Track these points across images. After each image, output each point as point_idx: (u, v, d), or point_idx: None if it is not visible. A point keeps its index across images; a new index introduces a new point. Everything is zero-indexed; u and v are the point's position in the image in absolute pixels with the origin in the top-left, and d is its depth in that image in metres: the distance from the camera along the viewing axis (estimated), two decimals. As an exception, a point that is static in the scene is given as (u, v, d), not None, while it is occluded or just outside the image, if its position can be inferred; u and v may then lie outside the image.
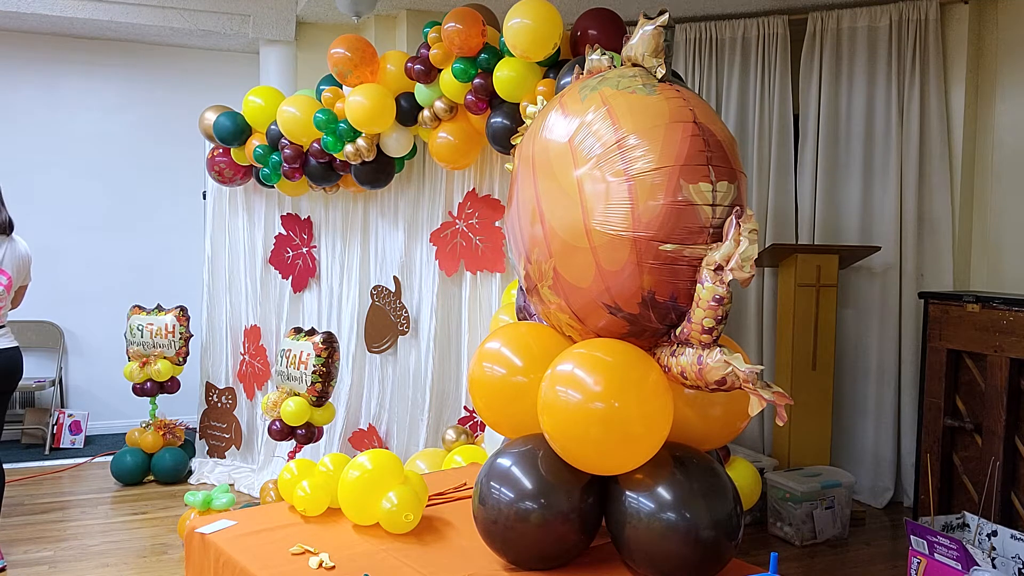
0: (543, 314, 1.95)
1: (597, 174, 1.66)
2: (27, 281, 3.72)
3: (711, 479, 1.70)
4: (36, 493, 4.67)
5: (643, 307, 1.66)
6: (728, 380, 1.55)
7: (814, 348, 4.50)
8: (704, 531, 1.62)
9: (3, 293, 3.52)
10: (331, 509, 2.11)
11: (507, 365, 1.91)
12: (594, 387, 1.65)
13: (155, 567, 3.64)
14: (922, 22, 4.57)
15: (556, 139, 1.78)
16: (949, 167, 4.58)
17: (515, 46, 3.21)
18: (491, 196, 3.95)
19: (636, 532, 1.67)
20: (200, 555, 2.00)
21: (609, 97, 1.71)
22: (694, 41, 5.05)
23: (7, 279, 3.53)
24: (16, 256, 3.60)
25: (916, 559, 3.11)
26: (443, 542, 1.96)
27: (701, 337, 1.60)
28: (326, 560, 1.81)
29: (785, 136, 4.92)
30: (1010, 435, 3.72)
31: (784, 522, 4.04)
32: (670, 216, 1.59)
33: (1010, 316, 3.69)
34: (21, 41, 5.75)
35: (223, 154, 4.59)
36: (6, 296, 3.54)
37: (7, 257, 3.56)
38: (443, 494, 2.27)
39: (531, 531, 1.72)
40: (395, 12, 5.38)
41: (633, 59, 1.80)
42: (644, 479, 1.69)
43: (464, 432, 3.84)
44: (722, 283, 1.55)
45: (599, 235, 1.65)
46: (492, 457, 1.84)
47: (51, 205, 5.90)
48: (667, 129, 1.62)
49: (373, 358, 4.54)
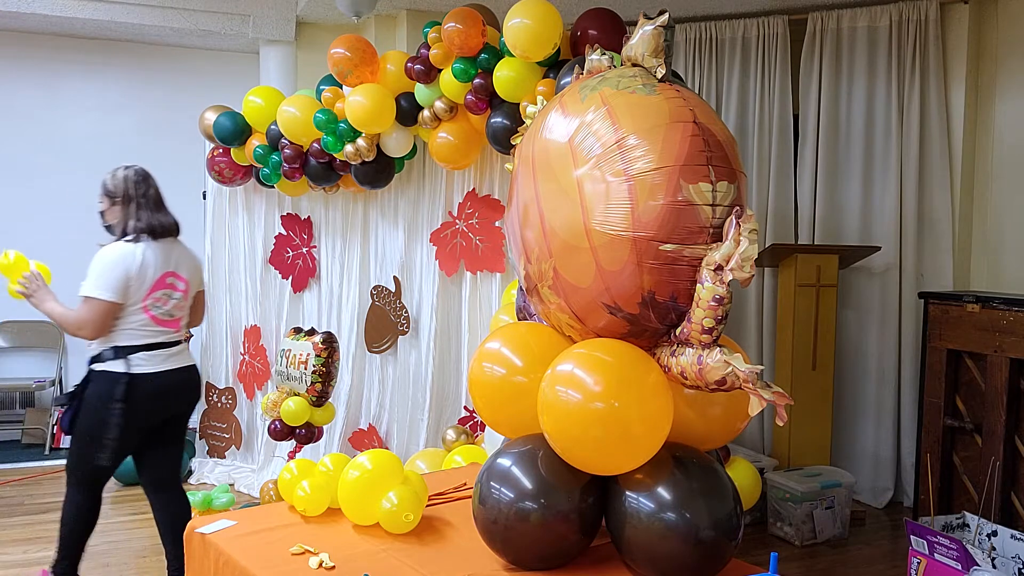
0: (543, 314, 1.95)
1: (597, 174, 1.66)
2: (202, 287, 3.26)
3: (711, 479, 1.70)
4: (36, 493, 4.67)
5: (643, 307, 1.66)
6: (728, 380, 1.55)
7: (814, 348, 4.49)
8: (704, 531, 1.62)
9: (181, 300, 3.05)
10: (331, 509, 2.11)
11: (507, 365, 1.91)
12: (594, 387, 1.65)
13: (155, 567, 3.64)
14: (922, 22, 4.57)
15: (556, 139, 1.78)
16: (949, 167, 4.58)
17: (515, 46, 3.21)
18: (491, 196, 3.95)
19: (636, 532, 1.67)
20: (200, 555, 2.00)
21: (609, 97, 1.71)
22: (694, 41, 5.05)
23: (184, 284, 3.06)
24: (190, 259, 3.14)
25: (916, 559, 3.11)
26: (443, 542, 1.96)
27: (701, 337, 1.60)
28: (326, 560, 1.81)
29: (785, 136, 4.92)
30: (1010, 435, 3.72)
31: (784, 522, 4.03)
32: (670, 216, 1.59)
33: (1010, 316, 3.69)
34: (21, 41, 5.75)
35: (223, 154, 4.59)
36: (184, 303, 3.07)
37: (181, 260, 3.08)
38: (443, 494, 2.27)
39: (531, 531, 1.72)
40: (395, 12, 5.38)
41: (633, 59, 1.80)
42: (644, 479, 1.69)
43: (464, 432, 3.84)
44: (722, 283, 1.55)
45: (599, 235, 1.65)
46: (492, 457, 1.84)
47: (51, 205, 5.89)
48: (667, 129, 1.62)
49: (373, 358, 4.54)
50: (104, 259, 2.90)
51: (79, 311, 2.87)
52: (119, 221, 3.01)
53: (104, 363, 2.92)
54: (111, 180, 3.02)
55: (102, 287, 2.85)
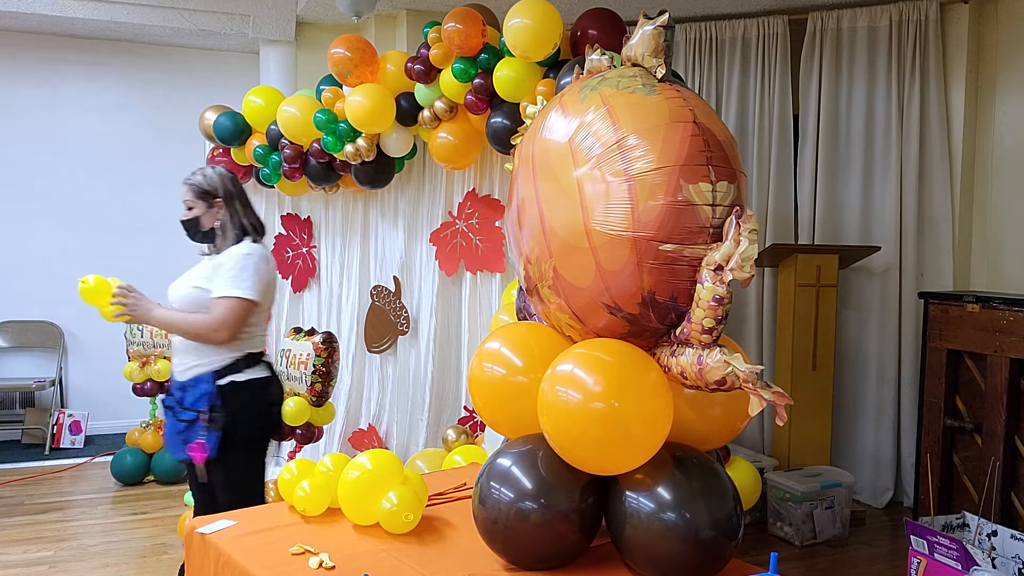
0: (543, 314, 1.95)
1: (597, 174, 1.66)
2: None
3: (711, 479, 1.70)
4: (36, 493, 4.67)
5: (643, 307, 1.66)
6: (728, 380, 1.55)
7: (814, 348, 4.50)
8: (704, 531, 1.62)
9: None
10: (331, 509, 2.11)
11: (507, 365, 1.91)
12: (594, 387, 1.65)
13: (155, 567, 3.64)
14: (922, 22, 4.57)
15: (556, 139, 1.78)
16: (949, 167, 4.58)
17: (515, 46, 3.21)
18: (491, 196, 3.94)
19: (636, 532, 1.67)
20: (200, 555, 2.00)
21: (609, 97, 1.71)
22: (694, 41, 5.05)
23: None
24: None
25: (916, 559, 3.11)
26: (443, 542, 1.96)
27: (701, 337, 1.60)
28: (326, 560, 1.81)
29: (785, 136, 4.92)
30: (1010, 435, 3.72)
31: (784, 522, 4.03)
32: (670, 216, 1.59)
33: (1010, 316, 3.69)
34: (21, 41, 5.75)
35: (223, 154, 4.59)
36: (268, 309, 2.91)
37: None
38: (443, 494, 2.27)
39: (531, 531, 1.72)
40: (395, 12, 5.38)
41: (633, 59, 1.80)
42: (644, 479, 1.69)
43: (464, 432, 3.84)
44: (722, 283, 1.55)
45: (599, 235, 1.65)
46: (492, 457, 1.84)
47: (51, 205, 5.90)
48: (667, 129, 1.62)
49: (373, 358, 4.53)
50: (247, 257, 2.68)
51: (222, 311, 2.61)
52: (226, 222, 2.77)
53: (243, 372, 2.69)
54: (206, 180, 2.78)
55: (248, 287, 2.64)
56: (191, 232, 2.81)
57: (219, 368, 2.65)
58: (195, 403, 2.64)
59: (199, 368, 2.66)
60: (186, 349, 2.69)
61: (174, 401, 2.73)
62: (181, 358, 2.71)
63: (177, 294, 2.73)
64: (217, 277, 2.64)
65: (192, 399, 2.65)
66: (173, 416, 2.73)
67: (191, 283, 2.71)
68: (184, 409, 2.66)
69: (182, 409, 2.67)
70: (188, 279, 2.75)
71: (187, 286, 2.71)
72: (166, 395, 2.84)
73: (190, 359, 2.68)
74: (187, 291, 2.69)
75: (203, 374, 2.65)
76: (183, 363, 2.70)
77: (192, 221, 2.78)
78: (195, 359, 2.67)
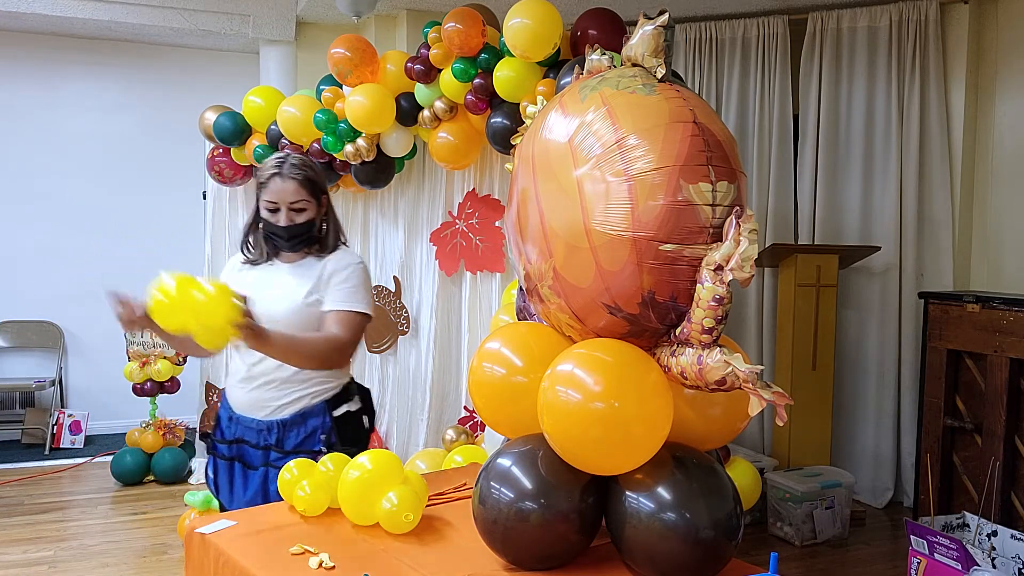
0: (543, 314, 1.95)
1: (597, 174, 1.66)
2: None
3: (711, 479, 1.70)
4: (36, 493, 4.67)
5: (643, 307, 1.66)
6: (728, 380, 1.55)
7: (814, 348, 4.49)
8: (704, 531, 1.62)
9: None
10: (331, 509, 2.11)
11: (507, 365, 1.91)
12: (594, 387, 1.64)
13: (155, 567, 3.64)
14: (922, 22, 4.57)
15: (556, 139, 1.78)
16: (949, 167, 4.58)
17: (515, 46, 3.21)
18: (491, 196, 3.95)
19: (636, 532, 1.67)
20: (200, 555, 2.00)
21: (609, 97, 1.71)
22: (694, 41, 5.05)
23: None
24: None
25: (916, 559, 3.11)
26: (443, 542, 1.96)
27: (701, 337, 1.60)
28: (326, 560, 1.81)
29: (785, 136, 4.92)
30: (1010, 435, 3.72)
31: (784, 522, 4.03)
32: (670, 216, 1.59)
33: (1010, 316, 3.69)
34: (21, 41, 5.75)
35: (223, 154, 4.59)
36: None
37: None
38: (443, 494, 2.27)
39: (531, 531, 1.72)
40: (395, 12, 5.38)
41: (633, 59, 1.80)
42: (644, 479, 1.69)
43: (464, 432, 3.84)
44: (722, 283, 1.55)
45: (599, 235, 1.65)
46: (492, 457, 1.84)
47: (51, 205, 5.90)
48: (667, 129, 1.62)
49: (373, 358, 4.53)
50: (359, 267, 2.27)
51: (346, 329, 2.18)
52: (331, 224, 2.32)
53: (354, 400, 2.31)
54: (315, 174, 2.25)
55: (366, 301, 2.24)
56: (296, 240, 2.24)
57: (330, 397, 2.24)
58: (304, 443, 2.20)
59: (306, 400, 2.22)
60: (286, 377, 2.20)
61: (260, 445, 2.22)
62: (275, 390, 2.21)
63: (280, 309, 2.18)
64: (330, 289, 2.21)
65: (298, 439, 2.21)
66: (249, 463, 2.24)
67: (297, 297, 2.21)
68: (285, 454, 2.17)
69: (283, 454, 2.18)
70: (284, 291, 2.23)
71: (293, 300, 2.21)
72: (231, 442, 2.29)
73: (292, 390, 2.21)
74: (298, 306, 2.20)
75: (312, 406, 2.22)
76: (279, 396, 2.21)
77: (306, 226, 2.23)
78: (299, 389, 2.21)
